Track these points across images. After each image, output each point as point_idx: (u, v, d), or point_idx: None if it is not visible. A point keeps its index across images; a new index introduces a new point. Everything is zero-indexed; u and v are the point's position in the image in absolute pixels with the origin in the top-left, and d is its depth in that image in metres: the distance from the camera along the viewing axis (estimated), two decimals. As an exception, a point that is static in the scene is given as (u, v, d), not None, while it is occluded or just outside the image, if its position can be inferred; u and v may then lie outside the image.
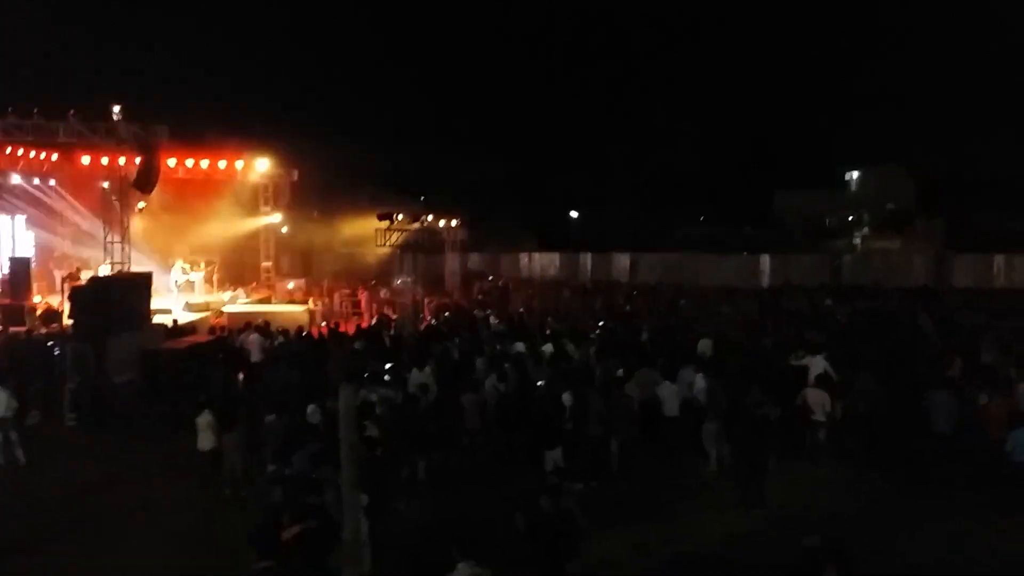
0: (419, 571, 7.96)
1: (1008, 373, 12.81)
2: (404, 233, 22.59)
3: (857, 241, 56.92)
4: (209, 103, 40.20)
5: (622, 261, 41.30)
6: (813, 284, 32.98)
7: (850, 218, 60.58)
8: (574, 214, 54.75)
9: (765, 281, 37.06)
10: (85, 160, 24.88)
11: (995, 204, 48.41)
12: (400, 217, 22.19)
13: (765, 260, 38.60)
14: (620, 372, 12.44)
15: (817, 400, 11.91)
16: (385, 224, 22.09)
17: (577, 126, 58.66)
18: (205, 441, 10.72)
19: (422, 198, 43.65)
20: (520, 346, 15.52)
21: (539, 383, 11.98)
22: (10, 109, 21.20)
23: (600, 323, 20.38)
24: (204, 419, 10.72)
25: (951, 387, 12.27)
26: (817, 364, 13.34)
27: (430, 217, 29.29)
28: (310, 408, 10.83)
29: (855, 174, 63.74)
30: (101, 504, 10.25)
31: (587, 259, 42.36)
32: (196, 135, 28.37)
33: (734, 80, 70.34)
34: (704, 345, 15.58)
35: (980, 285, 33.68)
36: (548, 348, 15.42)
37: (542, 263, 43.52)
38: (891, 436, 11.96)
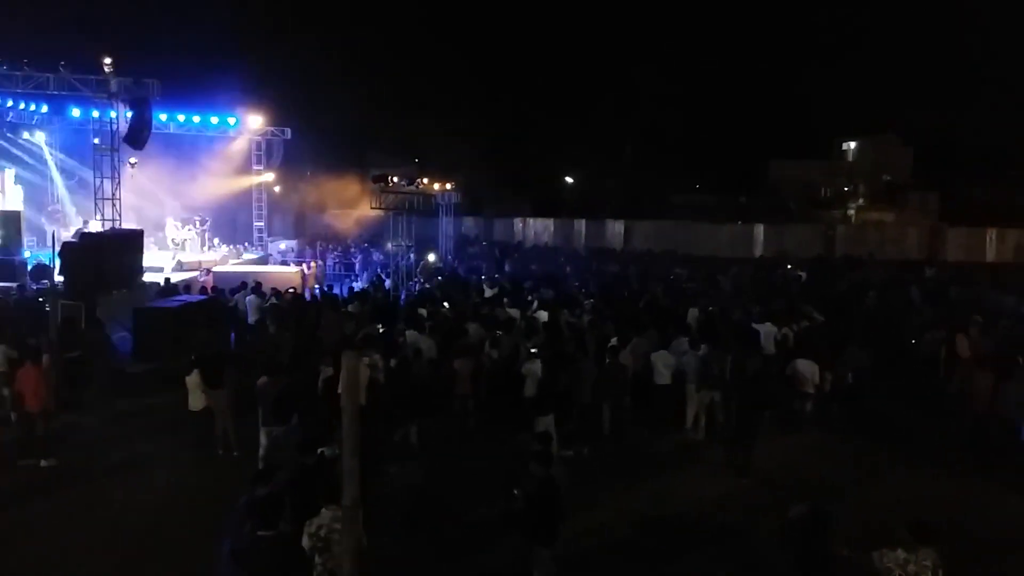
0: (409, 533, 8.07)
1: (1002, 349, 12.92)
2: (398, 196, 22.32)
3: (851, 212, 56.89)
4: (202, 58, 39.46)
5: (616, 228, 41.29)
6: (807, 255, 33.14)
7: (845, 189, 60.45)
8: (569, 180, 54.46)
9: (759, 251, 37.16)
10: (76, 113, 24.57)
11: (991, 177, 48.40)
12: (395, 180, 21.92)
13: (759, 230, 38.65)
14: (614, 341, 12.46)
15: (807, 370, 12.01)
16: (380, 186, 21.83)
17: (570, 91, 58.02)
18: (195, 400, 10.61)
19: (416, 160, 43.33)
20: (514, 312, 15.51)
21: (532, 350, 11.97)
22: (-2, 60, 20.82)
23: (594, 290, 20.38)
24: (193, 379, 10.55)
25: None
26: (767, 331, 13.62)
27: (425, 180, 29.07)
28: (326, 370, 10.80)
29: (851, 144, 63.45)
30: (90, 462, 10.25)
31: (581, 225, 42.30)
32: (189, 90, 28.02)
33: (730, 47, 69.47)
34: (691, 315, 15.67)
35: (972, 258, 33.90)
36: (542, 315, 15.41)
37: (536, 228, 43.44)
38: (877, 406, 12.08)
